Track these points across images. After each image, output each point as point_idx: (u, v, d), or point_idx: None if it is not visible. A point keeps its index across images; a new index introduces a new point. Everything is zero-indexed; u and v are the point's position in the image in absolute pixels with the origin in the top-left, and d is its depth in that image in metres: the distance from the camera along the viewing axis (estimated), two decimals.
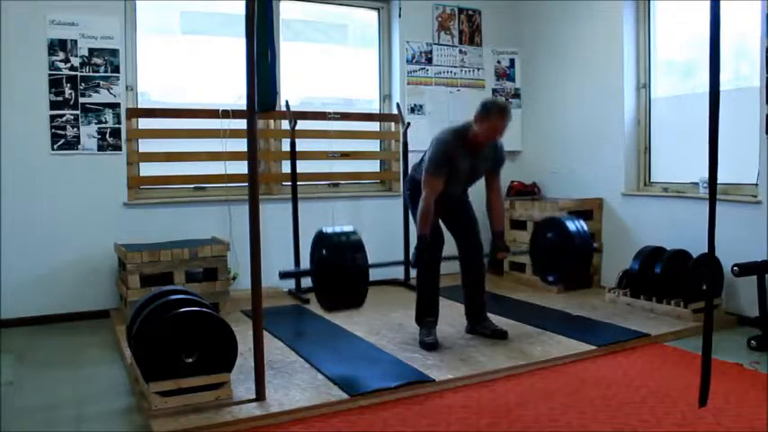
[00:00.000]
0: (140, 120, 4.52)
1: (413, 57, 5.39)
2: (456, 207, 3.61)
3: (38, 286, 4.15)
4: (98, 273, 4.31)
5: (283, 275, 3.26)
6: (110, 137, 4.35)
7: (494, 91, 5.72)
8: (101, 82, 4.30)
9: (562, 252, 3.70)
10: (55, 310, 4.19)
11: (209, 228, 4.58)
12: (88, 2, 4.23)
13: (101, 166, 4.33)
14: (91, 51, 4.26)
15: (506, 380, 3.01)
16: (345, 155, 5.16)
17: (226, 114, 4.57)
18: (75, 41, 4.21)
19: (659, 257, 4.10)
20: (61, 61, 4.18)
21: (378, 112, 5.47)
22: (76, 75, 4.23)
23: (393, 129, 5.38)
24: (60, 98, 4.19)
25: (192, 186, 4.73)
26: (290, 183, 4.68)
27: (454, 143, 3.34)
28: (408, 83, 5.37)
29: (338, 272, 3.09)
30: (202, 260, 4.11)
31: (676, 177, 4.59)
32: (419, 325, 3.55)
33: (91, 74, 4.27)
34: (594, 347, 3.40)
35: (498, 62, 5.75)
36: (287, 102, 4.75)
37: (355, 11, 5.43)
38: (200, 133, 4.61)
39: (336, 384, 2.85)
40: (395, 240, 5.02)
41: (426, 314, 3.53)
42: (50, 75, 4.16)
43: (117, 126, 4.36)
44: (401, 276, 5.14)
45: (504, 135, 3.39)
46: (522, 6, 5.72)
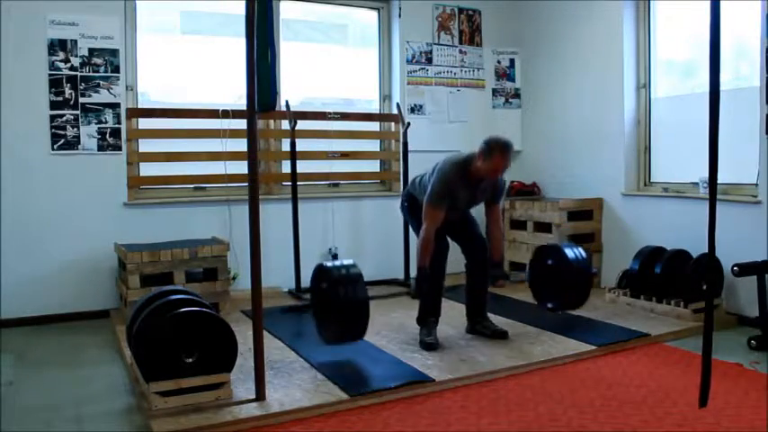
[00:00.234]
0: (140, 120, 4.52)
1: (413, 57, 5.39)
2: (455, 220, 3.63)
3: (38, 286, 4.15)
4: (98, 273, 4.31)
5: (285, 310, 3.27)
6: (110, 137, 4.35)
7: (494, 91, 5.72)
8: (101, 82, 4.30)
9: (561, 281, 3.73)
10: (55, 310, 4.18)
11: (209, 228, 4.58)
12: (88, 2, 4.23)
13: (101, 166, 4.33)
14: (91, 51, 4.26)
15: (506, 380, 3.01)
16: (345, 155, 5.15)
17: (226, 114, 4.57)
18: (75, 41, 4.21)
19: (659, 257, 4.10)
20: (61, 61, 4.18)
21: (378, 112, 5.47)
22: (76, 75, 4.23)
23: (393, 129, 5.38)
24: (60, 98, 4.19)
25: (192, 186, 4.73)
26: (290, 183, 4.68)
27: (457, 177, 3.36)
28: (408, 83, 5.37)
29: (338, 308, 3.09)
30: (202, 260, 4.11)
31: (676, 177, 4.59)
32: (420, 325, 3.55)
33: (91, 74, 4.27)
34: (594, 347, 3.40)
35: (498, 62, 5.75)
36: (287, 102, 4.75)
37: (355, 11, 5.43)
38: (200, 133, 4.61)
39: (336, 384, 2.85)
40: (395, 240, 5.03)
41: (430, 314, 3.53)
42: (50, 75, 4.16)
43: (117, 126, 4.36)
44: (401, 276, 5.14)
45: (505, 172, 3.42)
46: (522, 6, 5.72)
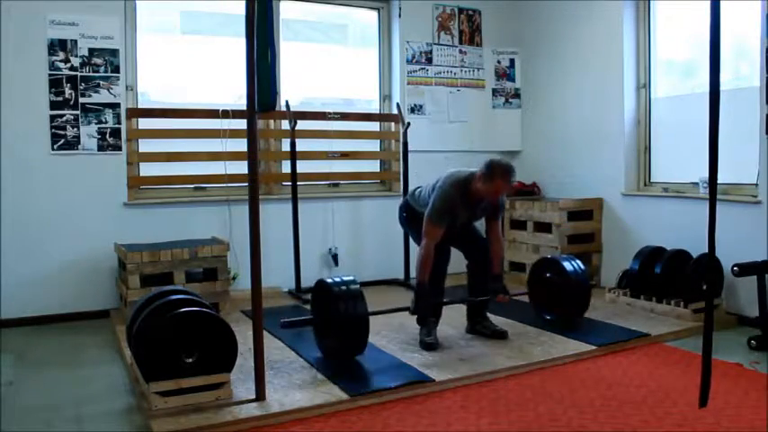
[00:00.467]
0: (140, 120, 4.52)
1: (413, 57, 5.39)
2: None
3: (38, 286, 4.15)
4: (98, 273, 4.31)
5: (284, 325, 3.27)
6: (110, 137, 4.35)
7: (494, 91, 5.72)
8: (101, 82, 4.30)
9: (560, 293, 3.73)
10: (55, 310, 4.18)
11: (209, 228, 4.58)
12: (88, 2, 4.23)
13: (101, 166, 4.33)
14: (91, 51, 4.26)
15: (506, 380, 3.01)
16: (345, 155, 5.15)
17: (226, 114, 4.57)
18: (75, 41, 4.20)
19: (659, 257, 4.10)
20: (61, 61, 4.18)
21: (378, 113, 5.47)
22: (76, 75, 4.23)
23: (393, 129, 5.38)
24: (60, 98, 4.19)
25: (192, 186, 4.73)
26: (290, 183, 4.68)
27: (457, 195, 3.37)
28: (408, 83, 5.37)
29: (338, 324, 3.09)
30: (202, 260, 4.11)
31: (676, 177, 4.59)
32: (420, 325, 3.55)
33: (91, 74, 4.27)
34: (594, 347, 3.40)
35: (498, 62, 5.75)
36: (287, 102, 4.75)
37: (355, 11, 5.43)
38: (200, 133, 4.61)
39: (336, 384, 2.85)
40: (395, 240, 5.03)
41: (430, 314, 3.53)
42: (50, 75, 4.16)
43: (117, 126, 4.36)
44: (401, 276, 5.14)
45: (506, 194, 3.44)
46: (522, 6, 5.72)
